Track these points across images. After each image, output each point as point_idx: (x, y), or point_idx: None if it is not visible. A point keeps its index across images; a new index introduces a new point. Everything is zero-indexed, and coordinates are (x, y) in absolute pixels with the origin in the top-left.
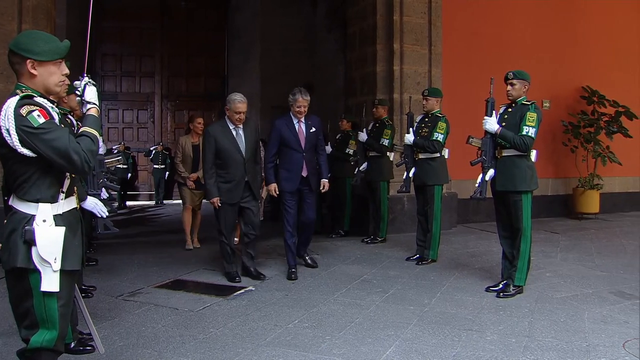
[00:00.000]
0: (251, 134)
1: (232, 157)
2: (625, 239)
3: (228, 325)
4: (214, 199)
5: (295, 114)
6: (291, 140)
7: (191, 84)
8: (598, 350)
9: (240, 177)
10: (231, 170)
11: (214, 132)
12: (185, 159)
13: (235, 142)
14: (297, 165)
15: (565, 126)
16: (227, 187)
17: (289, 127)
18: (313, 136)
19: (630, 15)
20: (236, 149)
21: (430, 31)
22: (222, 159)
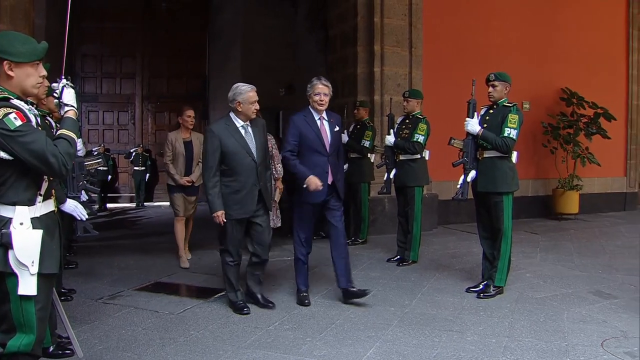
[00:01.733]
0: (260, 133)
1: (242, 161)
2: (604, 239)
3: (209, 328)
4: (218, 213)
5: (315, 107)
6: (313, 141)
7: (172, 85)
8: (577, 349)
9: (252, 185)
10: (241, 177)
11: (219, 132)
12: (176, 158)
13: (244, 142)
14: (321, 171)
15: (545, 127)
16: (236, 199)
17: (310, 125)
18: (337, 136)
19: (610, 18)
20: (246, 151)
21: (411, 33)
22: (229, 163)
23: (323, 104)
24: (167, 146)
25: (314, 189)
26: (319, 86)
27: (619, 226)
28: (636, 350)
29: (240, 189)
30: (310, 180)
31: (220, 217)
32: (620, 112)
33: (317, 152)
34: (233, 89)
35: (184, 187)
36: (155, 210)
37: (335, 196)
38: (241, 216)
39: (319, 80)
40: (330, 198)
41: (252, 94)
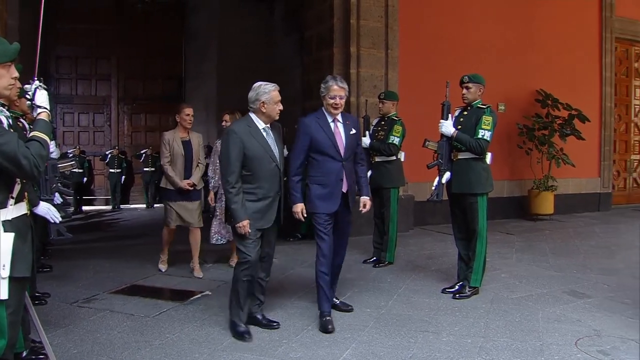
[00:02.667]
0: (279, 137)
1: (266, 166)
2: (578, 239)
3: (184, 331)
4: (244, 222)
5: (329, 110)
6: (326, 145)
7: (148, 87)
8: (552, 348)
9: (275, 193)
10: (264, 184)
11: (241, 133)
12: (175, 160)
13: (268, 146)
14: (335, 179)
15: (520, 129)
16: (257, 207)
17: (323, 128)
18: (353, 140)
19: (583, 22)
20: (270, 156)
21: (387, 35)
22: (252, 169)
23: (338, 108)
24: (164, 147)
25: (296, 217)
26: (334, 88)
27: (593, 226)
28: (609, 349)
29: (263, 197)
30: (295, 208)
31: (246, 227)
32: (594, 114)
33: (331, 158)
34: (255, 89)
35: (182, 191)
36: (131, 212)
37: (346, 211)
38: (262, 225)
39: (335, 82)
40: (342, 211)
41: (276, 93)
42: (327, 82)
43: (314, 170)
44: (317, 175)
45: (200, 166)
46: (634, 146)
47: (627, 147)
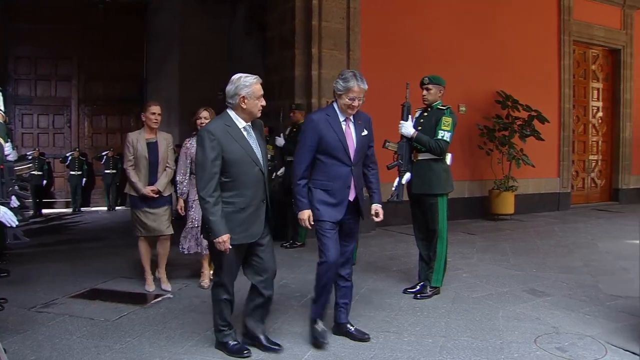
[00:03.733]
0: (261, 136)
1: (248, 171)
2: (538, 238)
3: (145, 334)
4: (224, 237)
5: (344, 110)
6: (335, 147)
7: (109, 88)
8: (511, 347)
9: (260, 201)
10: (247, 191)
11: (219, 134)
12: (139, 163)
13: (250, 148)
14: (342, 185)
15: (481, 130)
16: (240, 219)
17: (334, 127)
18: (365, 142)
19: (542, 24)
20: (252, 158)
21: (349, 36)
22: (233, 174)
23: (354, 110)
24: (127, 148)
25: (302, 225)
26: (355, 89)
27: (553, 225)
28: (567, 345)
29: (246, 206)
30: (301, 215)
31: (226, 242)
32: (553, 115)
33: (339, 161)
34: (234, 82)
35: (147, 198)
36: (92, 215)
37: (354, 217)
38: (246, 240)
39: (357, 82)
40: (349, 218)
41: (259, 86)
42: (347, 80)
43: (319, 173)
44: (322, 179)
45: (168, 170)
46: (592, 147)
47: (586, 148)
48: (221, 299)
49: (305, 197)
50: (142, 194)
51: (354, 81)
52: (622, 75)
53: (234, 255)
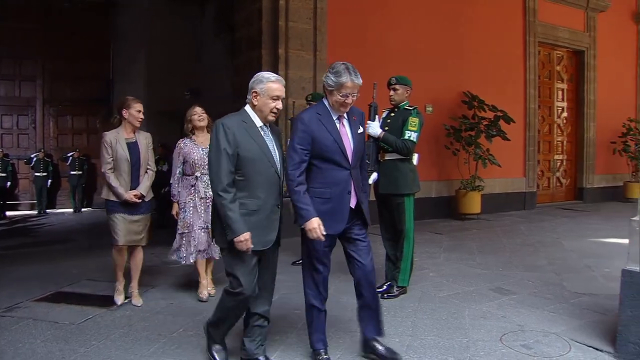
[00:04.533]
0: (279, 143)
1: (264, 171)
2: (504, 237)
3: (111, 337)
4: (246, 236)
5: (336, 108)
6: (331, 149)
7: (75, 89)
8: (477, 345)
9: (273, 206)
10: (260, 193)
11: (235, 129)
12: (119, 166)
13: (266, 147)
14: (342, 191)
15: (448, 130)
16: (251, 222)
17: (327, 127)
18: (362, 141)
19: (508, 26)
20: (268, 159)
21: (316, 37)
22: (246, 173)
23: (348, 106)
24: (105, 150)
25: (312, 238)
26: (348, 85)
27: (519, 225)
28: (532, 342)
29: (259, 209)
30: (311, 225)
31: (248, 241)
32: (519, 115)
33: (337, 165)
34: (254, 77)
35: (128, 203)
36: (58, 217)
37: (359, 223)
38: (259, 247)
39: (349, 76)
40: (352, 226)
41: (277, 86)
42: (338, 74)
43: (314, 180)
44: (317, 186)
45: (150, 172)
46: (557, 146)
47: (551, 148)
48: (235, 307)
49: (310, 204)
50: (124, 200)
51: (347, 75)
52: (586, 77)
53: (250, 259)
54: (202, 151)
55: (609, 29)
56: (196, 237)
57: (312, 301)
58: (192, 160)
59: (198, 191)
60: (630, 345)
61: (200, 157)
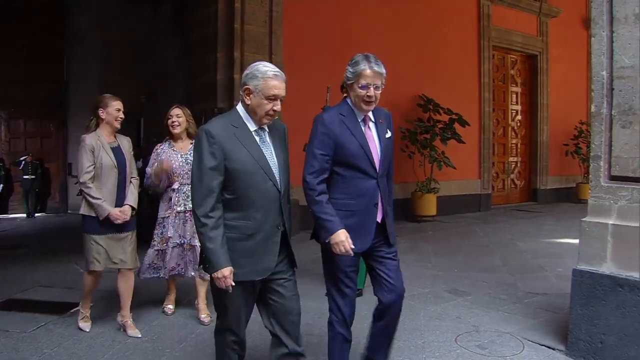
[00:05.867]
0: (282, 143)
1: (258, 186)
2: (460, 239)
3: (63, 345)
4: (225, 272)
5: (359, 105)
6: (357, 155)
7: (27, 91)
8: (432, 345)
9: (272, 227)
10: (256, 212)
11: (220, 136)
12: (104, 175)
13: (261, 156)
14: (368, 203)
15: (403, 133)
16: (246, 248)
17: (352, 130)
18: (390, 146)
19: (463, 30)
20: (265, 170)
21: (271, 40)
22: (238, 190)
23: (372, 102)
24: (86, 157)
25: (340, 253)
26: (367, 72)
27: (474, 226)
28: (487, 342)
29: (254, 232)
30: (338, 238)
31: (228, 278)
32: (474, 118)
33: (362, 173)
34: (248, 68)
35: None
36: (10, 222)
37: (385, 240)
38: (253, 277)
39: (368, 63)
40: (378, 243)
41: (275, 83)
42: (356, 64)
43: (336, 190)
44: (340, 197)
45: (134, 182)
46: (511, 149)
47: (505, 150)
48: (227, 347)
49: (334, 214)
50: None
51: (365, 63)
52: (539, 81)
53: (240, 295)
54: (181, 158)
55: (561, 34)
56: (171, 253)
57: (338, 329)
58: (170, 169)
59: (176, 205)
60: (580, 342)
61: (180, 165)
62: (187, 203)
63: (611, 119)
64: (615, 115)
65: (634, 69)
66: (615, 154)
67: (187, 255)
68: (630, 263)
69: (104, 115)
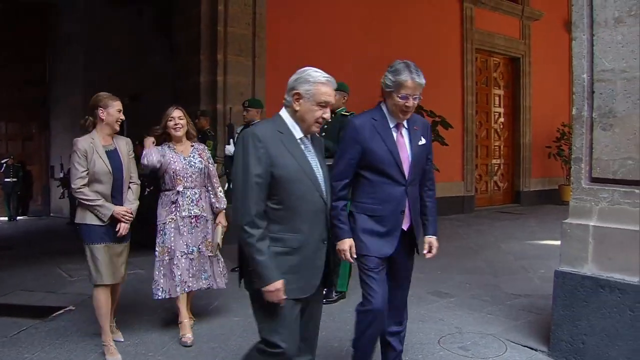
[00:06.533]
0: (321, 155)
1: (305, 196)
2: (443, 241)
3: (45, 349)
4: (277, 285)
5: (395, 113)
6: (385, 160)
7: (10, 93)
8: (416, 348)
9: (319, 240)
10: (302, 224)
11: (267, 140)
12: (97, 181)
13: (307, 165)
14: (394, 209)
15: None
16: (292, 264)
17: (382, 135)
18: (423, 154)
19: (446, 33)
20: (312, 180)
21: (254, 42)
22: (283, 198)
23: (409, 113)
24: (78, 161)
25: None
26: (408, 84)
27: (457, 228)
28: (469, 344)
29: (300, 246)
30: (343, 245)
31: (280, 292)
32: (457, 121)
33: (390, 179)
34: (297, 73)
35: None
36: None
37: (407, 250)
38: (298, 295)
39: (410, 74)
40: (400, 252)
41: (327, 89)
42: (397, 72)
43: (363, 194)
44: (367, 202)
45: (134, 187)
46: (494, 151)
47: (488, 152)
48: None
49: (346, 222)
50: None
51: (407, 73)
52: (522, 83)
53: (290, 310)
54: (184, 161)
55: (543, 37)
56: (179, 264)
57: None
58: (172, 172)
59: (180, 209)
60: (562, 343)
61: (183, 167)
62: (191, 208)
63: (592, 121)
64: (596, 118)
65: (614, 72)
66: (596, 156)
67: (196, 266)
68: (611, 264)
69: (104, 115)
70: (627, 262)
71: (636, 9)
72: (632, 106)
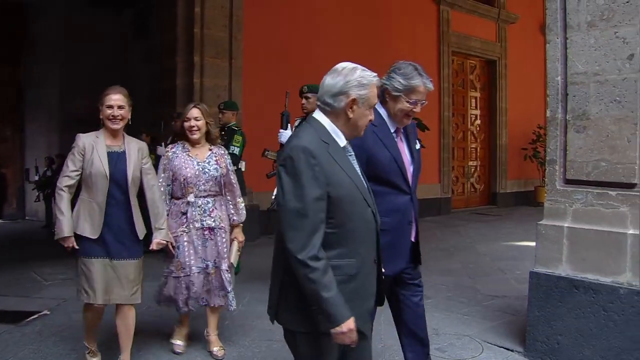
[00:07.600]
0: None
1: (360, 215)
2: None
3: (19, 355)
4: (350, 324)
5: (399, 118)
6: (390, 169)
7: None
8: (392, 350)
9: (372, 262)
10: (359, 247)
11: (320, 156)
12: (92, 185)
13: (358, 178)
14: (401, 220)
15: None
16: (349, 291)
17: (385, 142)
18: (420, 160)
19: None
20: (364, 196)
21: (231, 44)
22: (338, 221)
23: (410, 118)
24: (72, 159)
25: None
26: (421, 88)
27: (434, 230)
28: (446, 346)
29: (358, 271)
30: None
31: (354, 332)
32: (434, 123)
33: (395, 189)
34: (342, 73)
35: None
36: None
37: (411, 264)
38: (357, 324)
39: (421, 78)
40: (409, 266)
41: (376, 90)
42: (409, 76)
43: None
44: None
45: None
46: (471, 153)
47: (465, 154)
48: None
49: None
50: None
51: (419, 78)
52: (498, 85)
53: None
54: (197, 166)
55: (519, 40)
56: (195, 280)
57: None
58: (183, 178)
59: (192, 220)
60: (538, 343)
61: (196, 174)
62: (204, 219)
63: (566, 123)
64: (569, 120)
65: (587, 75)
66: (570, 158)
67: (212, 282)
68: (585, 265)
69: (101, 112)
70: (600, 263)
71: (607, 13)
72: (604, 108)
